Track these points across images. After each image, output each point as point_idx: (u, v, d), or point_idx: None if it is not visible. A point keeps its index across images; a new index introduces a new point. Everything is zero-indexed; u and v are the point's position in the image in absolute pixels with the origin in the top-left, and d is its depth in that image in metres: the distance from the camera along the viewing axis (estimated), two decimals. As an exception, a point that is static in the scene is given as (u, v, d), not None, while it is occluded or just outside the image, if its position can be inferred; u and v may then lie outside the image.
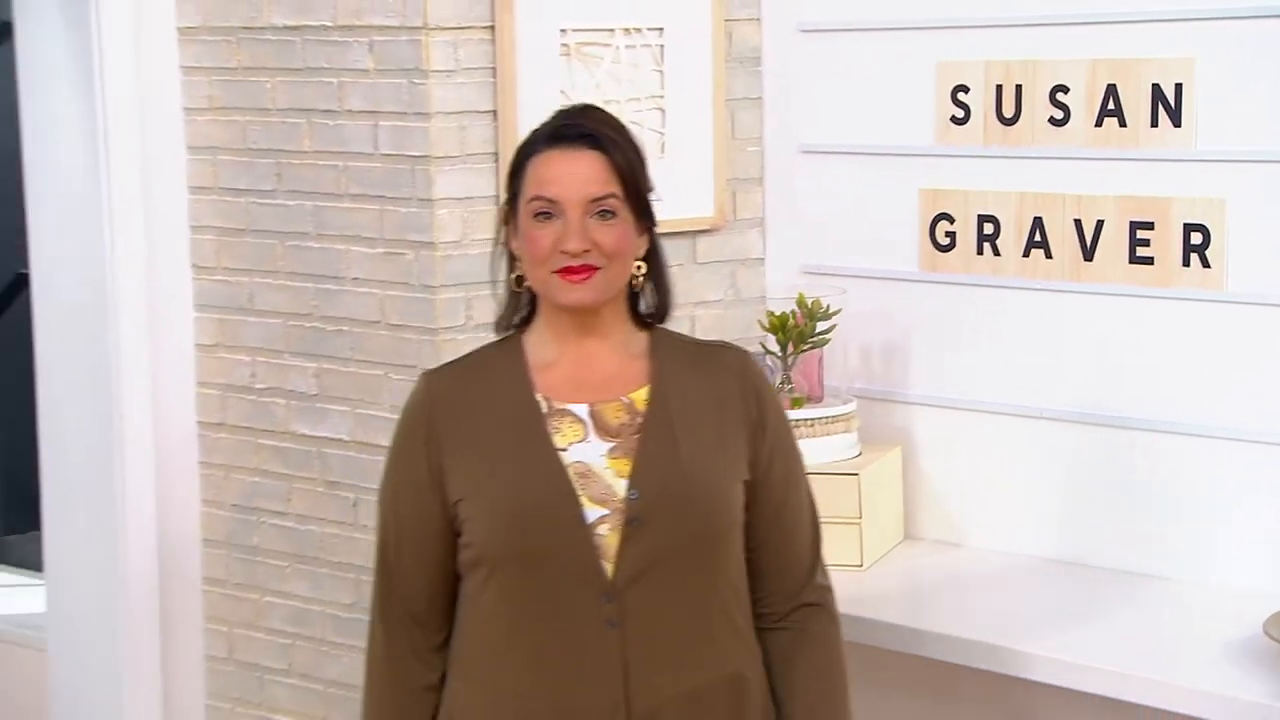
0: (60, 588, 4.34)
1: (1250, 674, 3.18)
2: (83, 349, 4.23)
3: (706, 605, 2.76)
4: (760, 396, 2.88)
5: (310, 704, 4.09)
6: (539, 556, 2.70)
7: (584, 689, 2.70)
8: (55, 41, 4.20)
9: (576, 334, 2.80)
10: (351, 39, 3.90)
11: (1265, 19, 3.58)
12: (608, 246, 2.70)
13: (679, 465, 2.74)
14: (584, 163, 2.71)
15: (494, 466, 2.74)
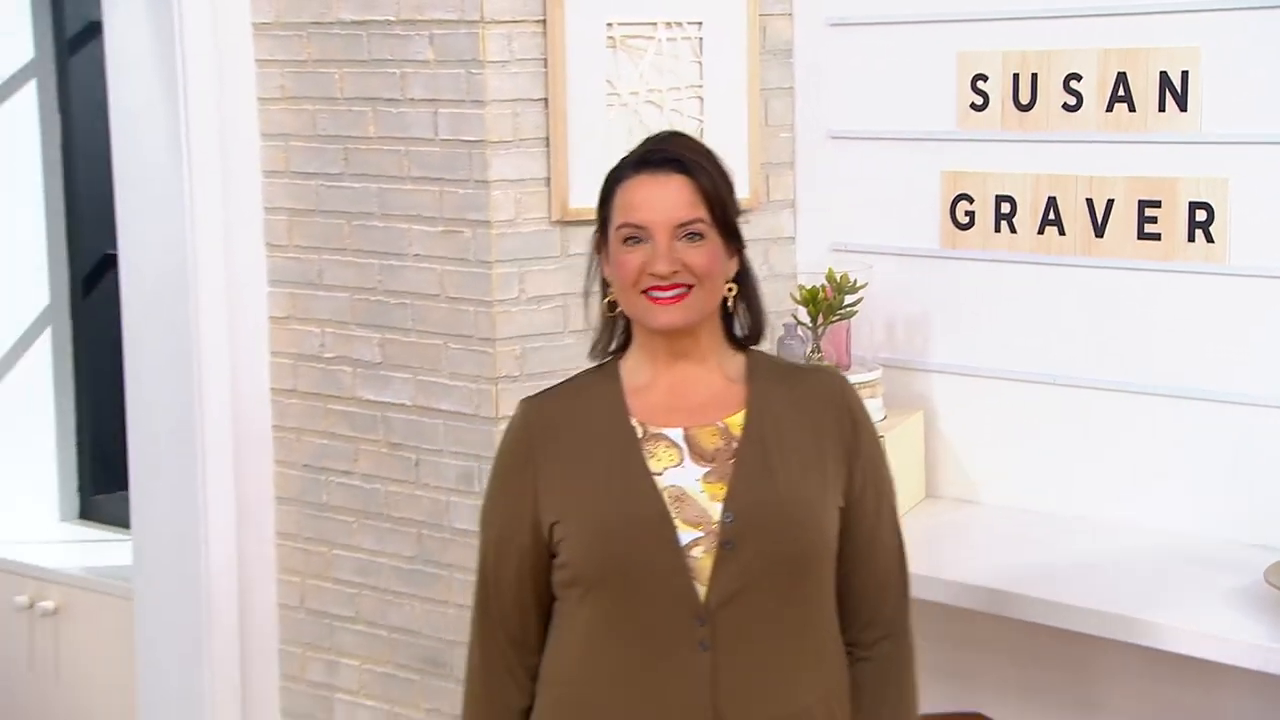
0: (146, 542, 4.35)
1: (1253, 618, 3.17)
2: (166, 323, 4.22)
3: (798, 630, 2.63)
4: (856, 422, 2.73)
5: (375, 648, 4.09)
6: (633, 578, 2.58)
7: (674, 710, 2.57)
8: (141, 38, 4.18)
9: (671, 358, 2.68)
10: (413, 32, 3.89)
11: (1266, 9, 3.57)
12: (697, 267, 2.58)
13: (773, 489, 2.60)
14: (670, 187, 2.60)
15: (591, 489, 2.63)
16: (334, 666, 4.19)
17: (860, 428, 2.72)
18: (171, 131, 4.14)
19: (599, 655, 2.61)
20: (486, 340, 3.83)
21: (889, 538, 2.75)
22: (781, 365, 2.87)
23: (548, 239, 3.87)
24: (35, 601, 4.78)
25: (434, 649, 3.96)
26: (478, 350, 3.84)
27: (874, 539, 2.71)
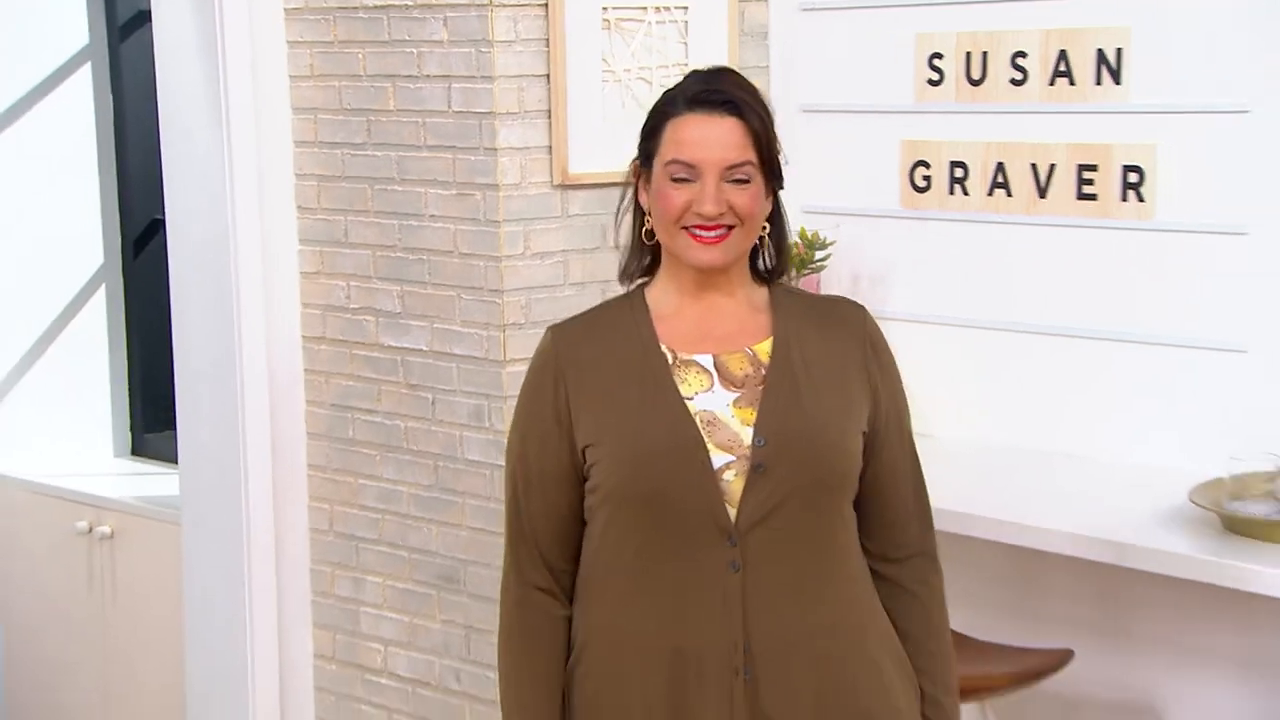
0: (191, 474, 4.36)
1: (1179, 534, 3.20)
2: (208, 279, 4.22)
3: (826, 551, 2.47)
4: (877, 349, 2.56)
5: (397, 567, 4.10)
6: (665, 500, 2.41)
7: (705, 629, 2.41)
8: (185, 23, 4.18)
9: (699, 288, 2.49)
10: (429, 15, 3.88)
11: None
12: (742, 209, 2.40)
13: (803, 414, 2.43)
14: (724, 129, 2.40)
15: (623, 414, 2.45)
16: (359, 583, 4.19)
17: (881, 355, 2.57)
18: (213, 108, 4.12)
19: (631, 575, 2.46)
20: (495, 292, 3.82)
21: (909, 463, 2.60)
22: (804, 296, 2.72)
23: (549, 201, 3.86)
24: (94, 526, 4.78)
25: (449, 567, 3.97)
26: (487, 301, 3.83)
27: (895, 464, 2.56)
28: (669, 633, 2.42)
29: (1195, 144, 3.60)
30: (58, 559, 4.87)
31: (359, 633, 4.19)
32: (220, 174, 4.12)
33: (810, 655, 2.43)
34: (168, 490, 4.66)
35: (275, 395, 4.21)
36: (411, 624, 4.07)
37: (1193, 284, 3.61)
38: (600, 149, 3.84)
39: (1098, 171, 3.73)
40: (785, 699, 2.41)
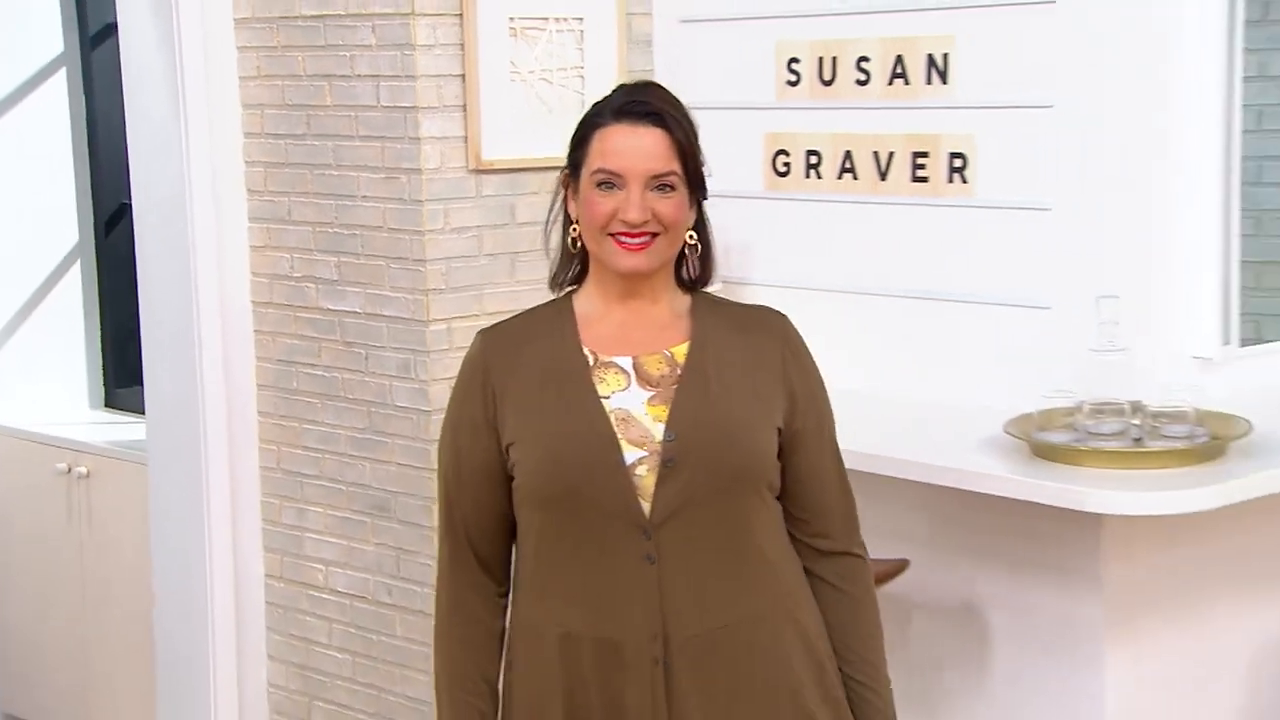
0: (157, 421, 4.35)
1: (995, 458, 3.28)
2: (170, 252, 4.21)
3: (741, 543, 2.30)
4: (796, 354, 2.40)
5: (335, 498, 4.10)
6: (582, 496, 2.25)
7: (624, 620, 2.25)
8: (148, 33, 4.17)
9: (625, 295, 2.33)
10: (359, 23, 3.87)
11: (1004, 6, 3.62)
12: (666, 217, 2.24)
13: (712, 410, 2.28)
14: (648, 139, 2.24)
15: (542, 413, 2.29)
16: (303, 513, 4.19)
17: (800, 359, 2.41)
18: (172, 105, 4.10)
19: (552, 570, 2.31)
20: (419, 261, 3.82)
21: (829, 461, 2.42)
22: (727, 304, 2.49)
23: (465, 183, 3.87)
24: (72, 467, 4.76)
25: (381, 498, 3.97)
26: (412, 269, 3.84)
27: (816, 462, 2.39)
28: (591, 624, 2.26)
29: (1008, 135, 3.64)
30: (41, 496, 4.85)
31: (303, 555, 4.20)
32: (180, 162, 4.11)
33: (724, 646, 2.28)
34: (136, 436, 4.65)
35: (229, 352, 4.20)
36: (348, 547, 4.08)
37: (1006, 252, 3.66)
38: (508, 139, 3.87)
39: (928, 158, 3.77)
40: (700, 689, 2.26)
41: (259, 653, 4.29)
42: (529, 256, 3.92)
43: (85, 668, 4.76)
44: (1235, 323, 3.64)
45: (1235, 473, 3.15)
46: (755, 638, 2.29)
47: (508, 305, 3.90)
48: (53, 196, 5.11)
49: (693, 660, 2.24)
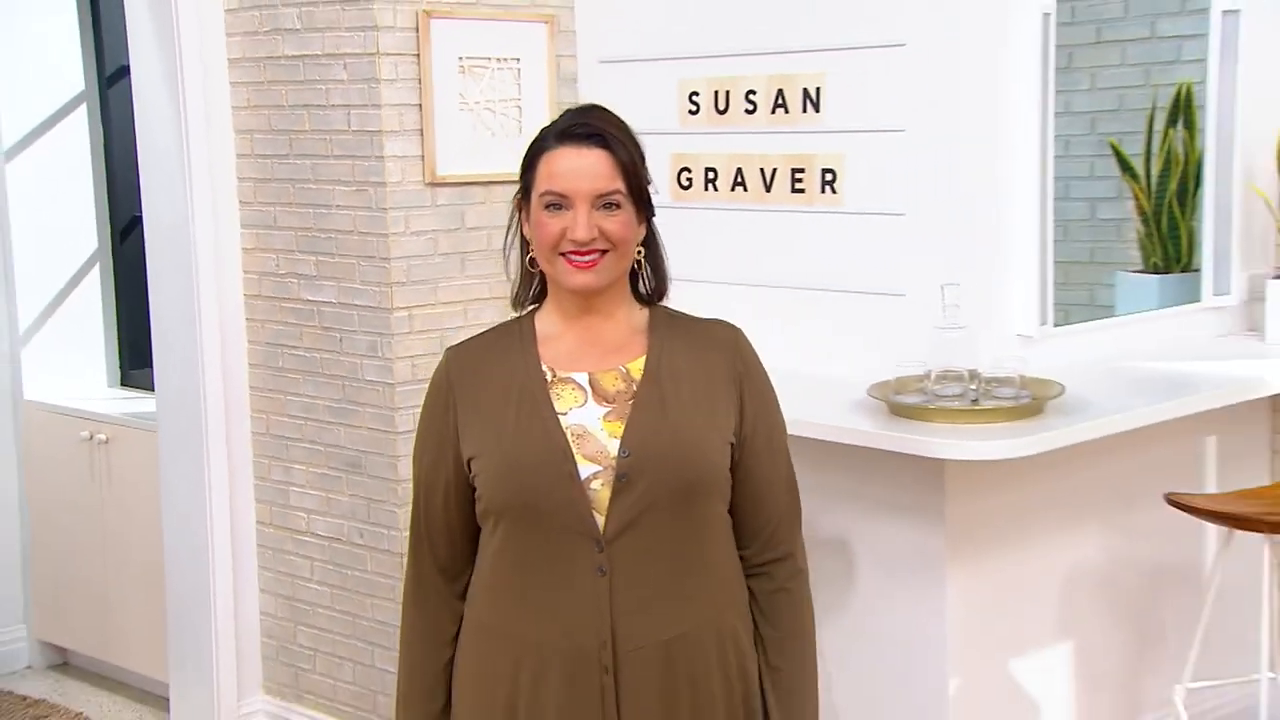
0: (165, 396, 4.32)
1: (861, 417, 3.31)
2: (175, 255, 4.20)
3: (692, 557, 2.06)
4: (748, 367, 2.18)
5: (315, 458, 4.10)
6: (538, 509, 2.02)
7: (576, 629, 2.02)
8: (155, 73, 4.16)
9: (581, 311, 2.11)
10: (333, 61, 3.87)
11: (864, 49, 3.65)
12: (613, 235, 2.03)
13: (667, 426, 2.04)
14: (591, 160, 2.03)
15: (501, 429, 2.06)
16: (289, 470, 4.18)
17: (751, 372, 2.18)
18: (176, 132, 4.10)
19: (510, 580, 2.08)
20: (384, 260, 3.83)
21: (780, 471, 2.18)
22: (682, 318, 2.23)
23: (422, 194, 3.87)
24: (93, 435, 4.72)
25: (353, 457, 3.98)
26: (379, 265, 3.84)
27: (766, 473, 2.15)
28: (545, 631, 2.04)
29: (869, 154, 3.66)
30: (68, 460, 4.81)
31: (289, 505, 4.20)
32: (183, 180, 4.11)
33: (671, 657, 2.05)
34: (148, 409, 4.63)
35: (225, 337, 4.19)
36: (326, 498, 4.08)
37: (868, 250, 3.68)
38: (458, 158, 3.89)
39: (804, 173, 3.77)
40: (647, 696, 2.04)
41: (252, 587, 4.29)
42: (476, 256, 3.96)
43: (106, 602, 4.74)
44: (1050, 308, 3.71)
45: (1051, 426, 3.21)
46: (702, 649, 2.07)
47: (458, 296, 3.94)
48: (76, 210, 5.07)
49: (640, 669, 2.03)
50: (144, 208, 4.30)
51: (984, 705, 3.54)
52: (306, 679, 4.21)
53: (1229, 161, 4.09)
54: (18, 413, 4.93)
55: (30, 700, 4.72)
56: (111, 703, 4.71)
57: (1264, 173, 4.14)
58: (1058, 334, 3.77)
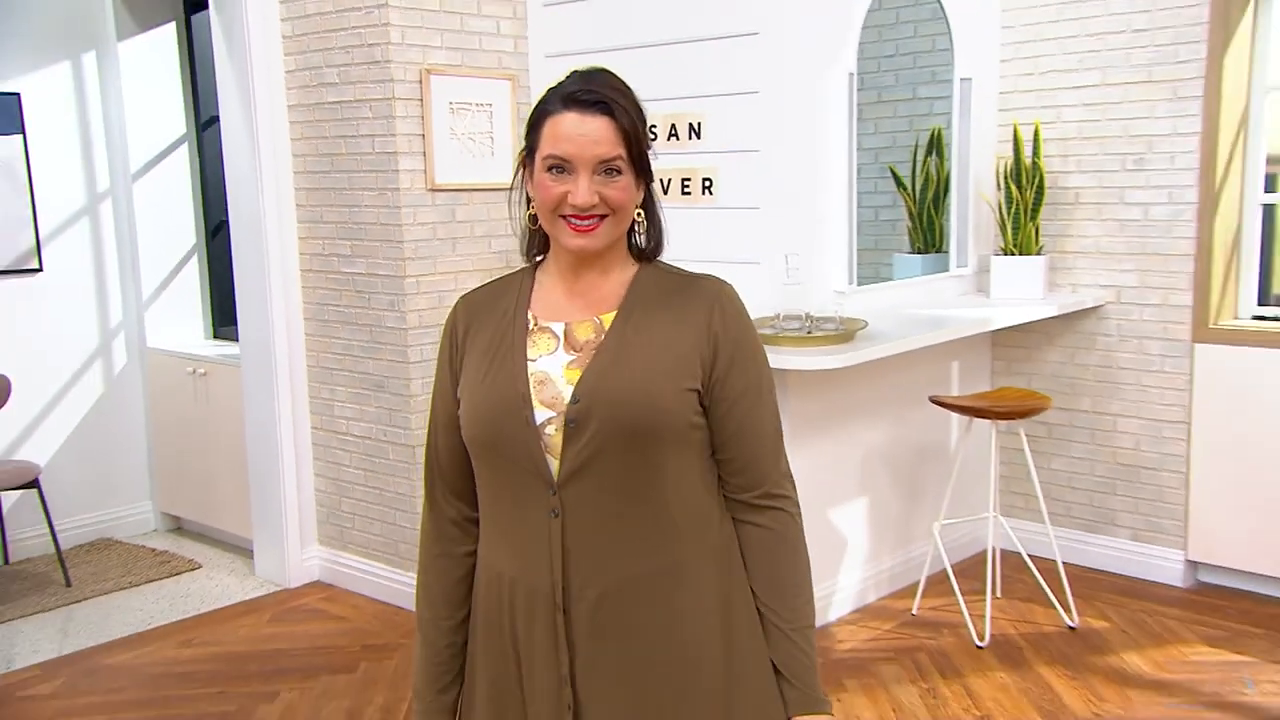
0: (246, 343, 4.20)
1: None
2: (252, 240, 4.08)
3: (644, 502, 1.48)
4: (726, 317, 1.52)
5: (352, 382, 4.02)
6: (501, 449, 1.50)
7: (534, 568, 1.49)
8: (237, 119, 4.04)
9: (577, 266, 1.53)
10: (362, 105, 3.78)
11: (729, 95, 3.58)
12: (613, 201, 1.48)
13: (618, 373, 1.47)
14: (595, 126, 1.47)
15: (481, 372, 1.54)
16: (333, 390, 4.10)
17: (728, 324, 1.53)
18: (252, 157, 4.00)
19: (491, 515, 1.56)
20: (399, 243, 3.77)
21: (755, 417, 1.53)
22: (672, 274, 1.59)
23: (424, 197, 3.80)
24: (195, 370, 4.61)
25: (378, 380, 3.93)
26: (395, 246, 3.78)
27: (740, 420, 1.51)
28: (514, 567, 1.52)
29: (735, 168, 3.60)
30: (178, 388, 4.69)
31: (333, 415, 4.11)
32: (256, 191, 4.00)
33: (618, 607, 1.49)
34: (232, 352, 4.52)
35: (287, 300, 4.09)
36: (360, 409, 4.01)
37: (736, 233, 3.59)
38: (449, 172, 3.83)
39: (691, 181, 3.71)
40: (594, 637, 1.49)
41: (309, 471, 4.21)
42: (463, 241, 3.89)
43: (207, 484, 4.63)
44: (855, 273, 3.73)
45: (859, 349, 3.21)
46: (656, 591, 1.49)
47: (450, 269, 3.85)
48: (180, 216, 4.92)
49: (590, 611, 1.49)
50: (229, 212, 4.19)
51: (812, 544, 3.51)
52: (348, 533, 4.15)
53: (966, 179, 4.14)
54: (143, 356, 4.81)
55: (157, 552, 4.63)
56: (213, 553, 4.63)
57: (988, 187, 4.20)
58: (860, 290, 3.77)
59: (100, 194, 4.68)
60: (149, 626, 3.84)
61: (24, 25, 4.43)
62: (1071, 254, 4.09)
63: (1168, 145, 3.84)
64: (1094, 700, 3.13)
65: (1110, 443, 4.05)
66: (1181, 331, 3.86)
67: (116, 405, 4.74)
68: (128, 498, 4.82)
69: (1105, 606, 3.76)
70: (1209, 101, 3.73)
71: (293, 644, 3.65)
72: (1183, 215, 3.83)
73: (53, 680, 3.47)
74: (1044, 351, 4.19)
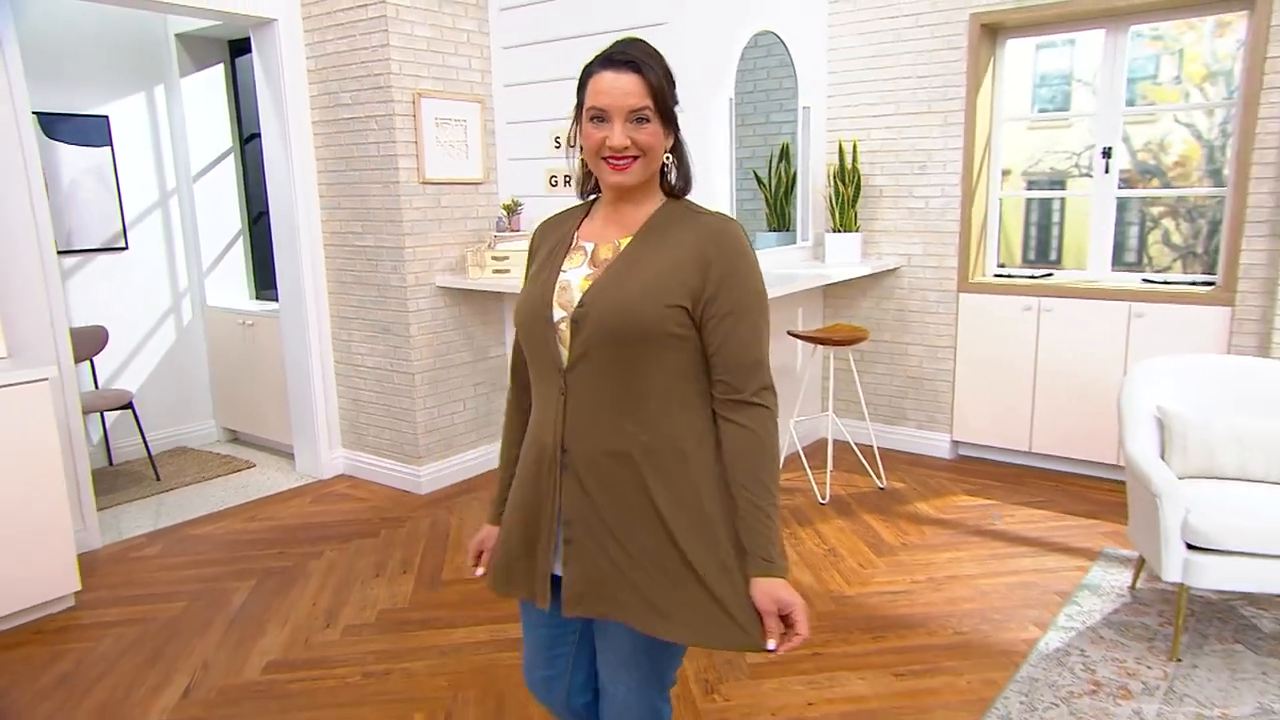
0: (284, 300, 4.09)
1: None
2: (287, 223, 3.98)
3: (628, 391, 1.37)
4: (722, 250, 1.37)
5: (364, 327, 3.97)
6: (532, 338, 1.42)
7: (547, 434, 1.42)
8: (275, 134, 3.91)
9: (617, 199, 1.44)
10: (370, 119, 3.71)
11: None
12: (643, 143, 1.38)
13: (618, 287, 1.37)
14: (626, 82, 1.36)
15: (532, 276, 1.46)
16: (351, 333, 4.01)
17: (723, 254, 1.37)
18: (286, 163, 3.89)
19: (532, 391, 1.48)
20: (399, 223, 3.72)
21: (740, 334, 1.38)
22: (692, 209, 1.44)
23: (417, 188, 3.75)
24: (244, 321, 4.46)
25: (385, 324, 3.89)
26: (395, 224, 3.74)
27: (725, 334, 1.37)
28: (536, 433, 1.45)
29: None
30: (231, 335, 4.53)
31: (351, 351, 4.04)
32: (290, 188, 3.90)
33: (601, 470, 1.40)
34: (271, 308, 4.43)
35: (314, 268, 4.00)
36: (371, 347, 3.95)
37: None
38: (435, 169, 3.78)
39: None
40: (579, 497, 1.41)
41: (333, 393, 4.15)
42: (446, 222, 3.87)
43: (256, 405, 4.50)
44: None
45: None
46: (631, 461, 1.38)
47: (436, 242, 3.83)
48: (229, 208, 4.74)
49: (583, 470, 1.41)
50: (269, 203, 4.10)
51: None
52: (364, 438, 4.10)
53: (806, 179, 4.19)
54: (204, 312, 4.66)
55: (221, 456, 4.52)
56: (262, 455, 4.53)
57: (821, 184, 4.27)
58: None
59: (169, 191, 4.53)
60: (221, 508, 3.78)
61: (111, 65, 4.27)
62: (878, 232, 4.22)
63: (941, 157, 4.01)
64: (900, 534, 3.27)
65: (904, 362, 4.22)
66: (950, 285, 4.04)
67: (186, 348, 4.61)
68: (196, 416, 4.71)
69: (902, 473, 3.93)
70: (967, 127, 3.92)
71: (329, 518, 3.63)
72: (951, 205, 4.01)
73: (155, 545, 3.42)
74: (860, 299, 4.31)
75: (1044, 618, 2.57)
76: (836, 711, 2.18)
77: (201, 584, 3.04)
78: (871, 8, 4.04)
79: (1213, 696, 2.17)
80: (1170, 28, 3.63)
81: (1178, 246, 4.41)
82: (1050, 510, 3.42)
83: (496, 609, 2.71)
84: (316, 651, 2.52)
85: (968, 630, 2.51)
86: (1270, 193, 3.20)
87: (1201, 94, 3.76)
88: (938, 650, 2.42)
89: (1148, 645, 2.41)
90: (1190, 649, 2.38)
